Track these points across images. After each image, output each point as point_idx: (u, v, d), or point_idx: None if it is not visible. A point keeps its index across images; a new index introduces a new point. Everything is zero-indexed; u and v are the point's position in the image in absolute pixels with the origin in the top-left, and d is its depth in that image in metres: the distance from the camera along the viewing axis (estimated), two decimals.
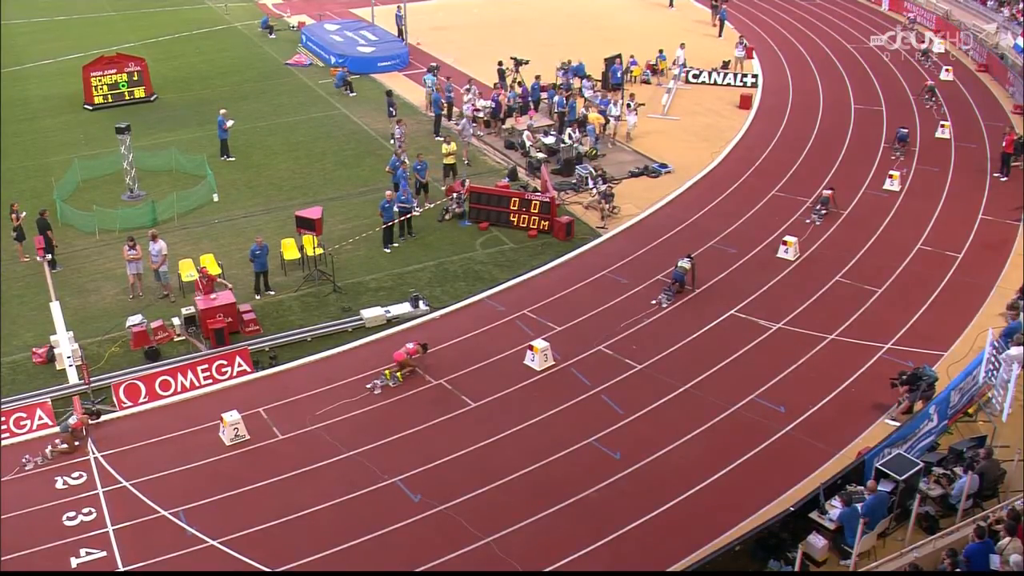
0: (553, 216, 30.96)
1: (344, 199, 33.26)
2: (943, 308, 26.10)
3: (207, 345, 24.84)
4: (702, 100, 43.64)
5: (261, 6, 62.86)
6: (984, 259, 28.87)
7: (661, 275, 27.94)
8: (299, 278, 28.18)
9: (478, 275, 28.54)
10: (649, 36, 51.36)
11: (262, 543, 18.26)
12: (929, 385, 21.46)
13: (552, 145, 36.27)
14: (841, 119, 40.74)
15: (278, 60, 50.51)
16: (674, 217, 32.00)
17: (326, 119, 41.51)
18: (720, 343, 24.59)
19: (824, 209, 31.77)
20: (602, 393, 22.69)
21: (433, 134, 38.70)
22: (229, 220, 31.89)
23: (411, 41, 51.91)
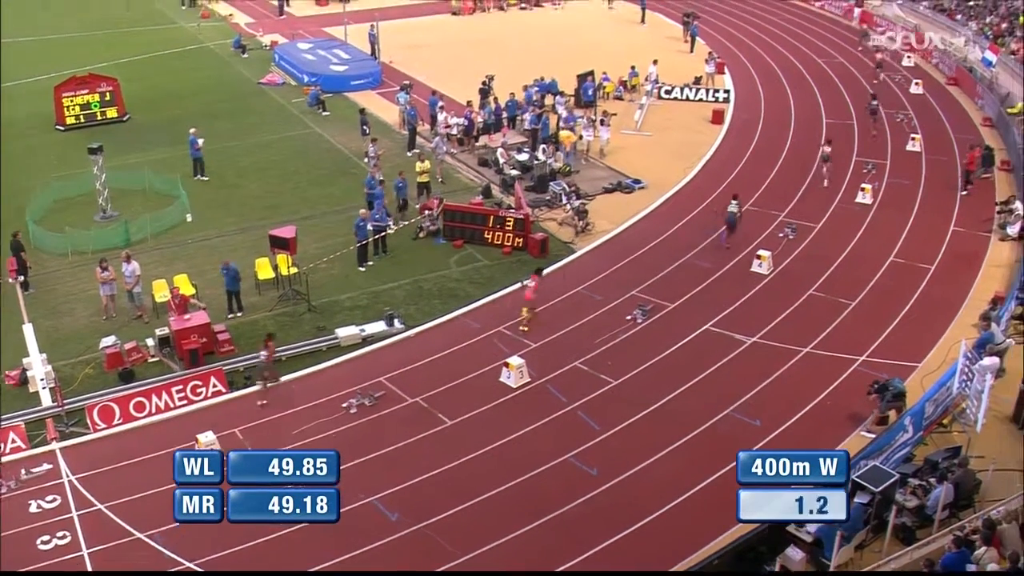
0: (527, 233, 30.98)
1: (318, 218, 33.19)
2: (916, 320, 26.26)
3: (181, 366, 24.70)
4: (675, 116, 43.81)
5: (233, 25, 62.71)
6: (956, 271, 29.07)
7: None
8: (273, 298, 28.08)
9: (453, 293, 28.53)
10: (621, 52, 51.52)
11: (239, 565, 18.11)
12: (895, 396, 21.53)
13: (525, 162, 36.33)
14: (813, 133, 40.99)
15: (251, 79, 50.42)
16: (648, 232, 32.08)
17: (299, 138, 41.44)
18: (695, 358, 24.65)
19: (825, 166, 34.36)
20: (578, 409, 22.68)
21: (407, 151, 38.68)
22: (203, 240, 31.76)
23: (384, 59, 51.88)
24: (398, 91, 43.39)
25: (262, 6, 68.05)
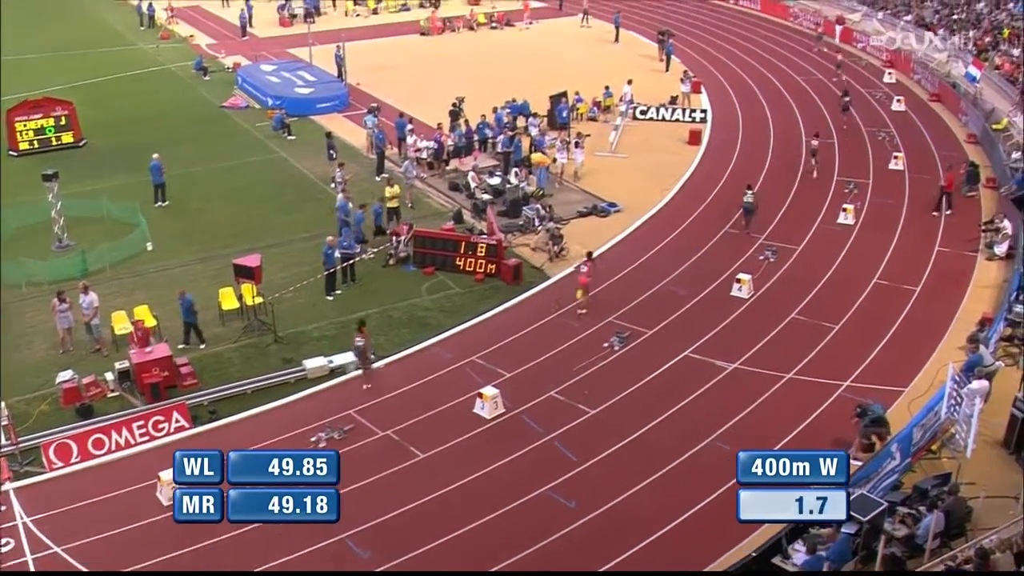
0: (500, 259, 31.02)
1: (284, 246, 33.13)
2: (902, 343, 26.42)
3: (142, 401, 24.55)
4: (650, 136, 44.06)
5: (194, 47, 62.62)
6: (942, 292, 29.30)
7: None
8: (238, 329, 27.97)
9: (424, 322, 28.50)
10: (595, 72, 51.80)
11: None
12: (872, 421, 21.57)
13: (497, 186, 36.42)
14: (793, 153, 41.27)
15: (213, 103, 50.40)
16: (624, 257, 32.17)
17: (264, 163, 41.42)
18: (675, 385, 24.70)
19: (813, 159, 36.01)
20: (555, 440, 22.67)
21: (375, 175, 38.71)
22: (164, 269, 31.63)
23: (351, 81, 51.96)
24: (365, 114, 43.49)
25: (224, 27, 68.09)
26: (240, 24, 65.87)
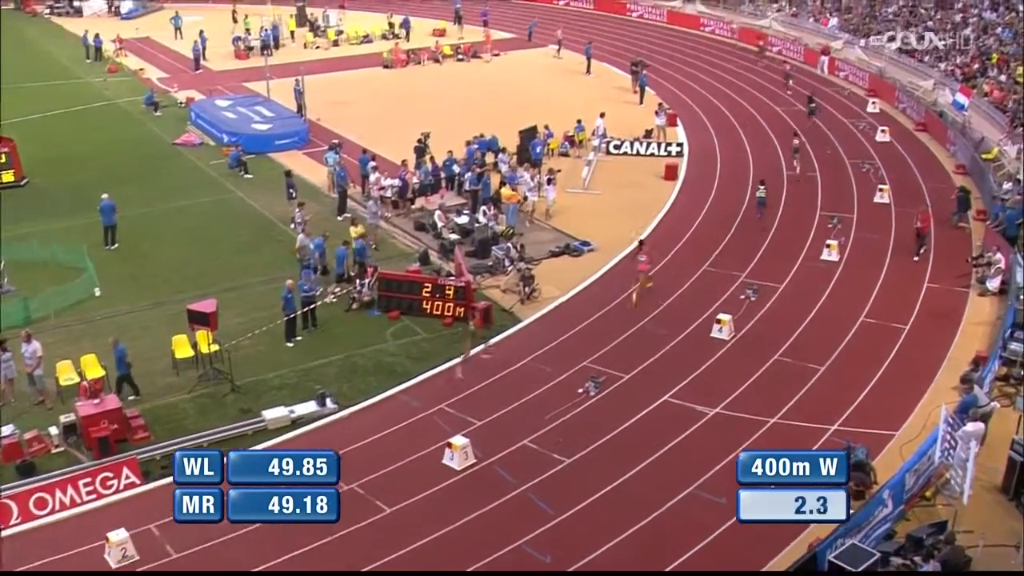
0: (469, 301, 31.02)
1: (241, 290, 33.03)
2: (892, 384, 26.55)
3: (90, 456, 24.30)
4: (625, 172, 44.28)
5: (144, 80, 62.44)
6: (933, 330, 29.50)
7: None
8: (193, 378, 27.80)
9: (390, 368, 28.43)
10: (566, 105, 52.09)
11: None
12: (854, 465, 21.47)
13: (465, 225, 36.47)
14: (773, 187, 41.47)
15: (165, 139, 50.28)
16: (599, 298, 32.27)
17: (220, 203, 41.37)
18: (654, 432, 24.72)
19: (795, 157, 38.69)
20: (529, 491, 22.63)
21: (337, 215, 38.73)
22: (113, 316, 31.43)
23: (311, 117, 52.00)
24: (327, 151, 43.45)
25: (176, 59, 67.99)
26: (193, 57, 65.66)
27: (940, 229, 36.47)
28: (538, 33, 71.55)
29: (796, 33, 68.36)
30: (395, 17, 74.87)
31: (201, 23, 72.21)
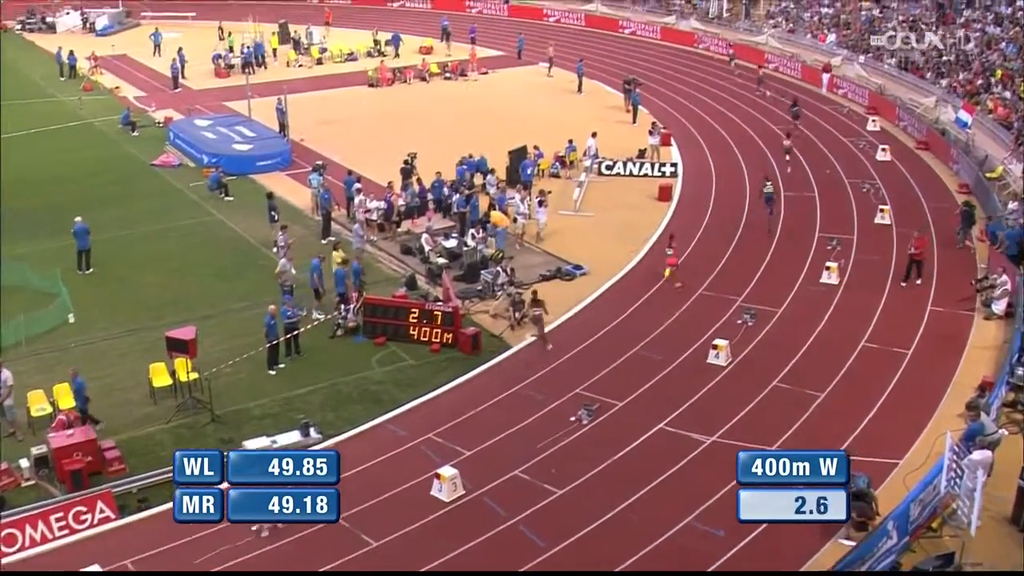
0: (457, 328, 31.03)
1: (221, 316, 33.03)
2: (895, 411, 26.55)
3: (62, 490, 24.18)
4: (617, 193, 44.37)
5: (121, 99, 62.47)
6: (937, 355, 29.53)
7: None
8: (171, 407, 27.70)
9: (376, 397, 28.38)
10: (557, 125, 52.27)
11: None
12: (854, 495, 21.42)
13: (453, 249, 36.49)
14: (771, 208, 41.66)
15: (142, 160, 50.29)
16: (592, 323, 32.29)
17: (199, 226, 41.36)
18: (649, 461, 24.68)
19: (787, 157, 39.72)
20: (520, 524, 22.56)
21: (321, 238, 38.71)
22: (88, 344, 31.37)
23: (294, 137, 52.06)
24: (310, 172, 43.55)
25: (154, 77, 68.12)
26: (172, 75, 65.77)
27: (943, 250, 36.57)
28: (528, 50, 71.78)
29: (793, 50, 68.73)
30: (381, 34, 75.05)
31: (180, 40, 72.31)
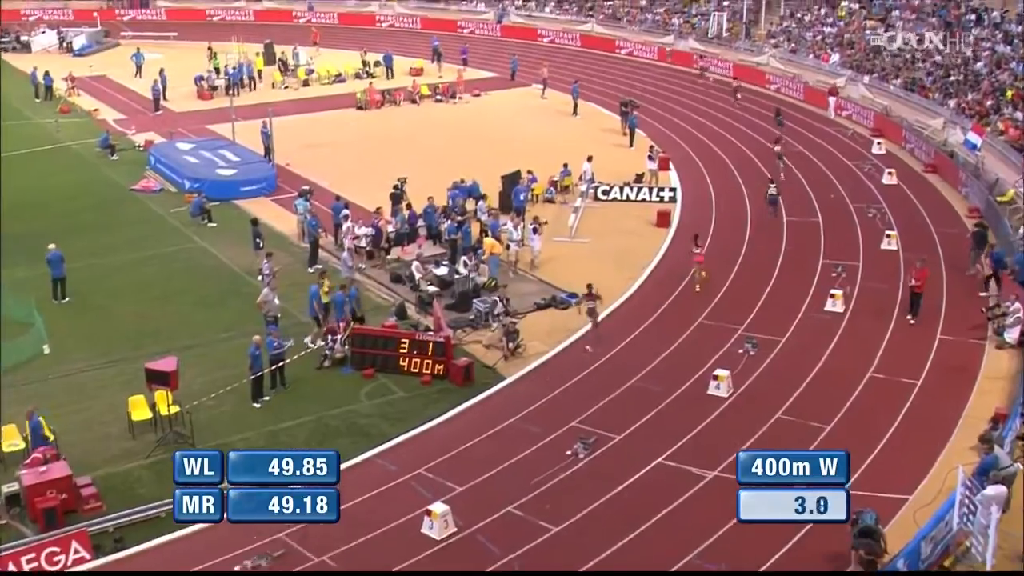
0: (449, 358, 30.99)
1: (204, 347, 32.96)
2: (904, 444, 26.53)
3: (35, 530, 24.05)
4: (614, 219, 44.43)
5: (99, 122, 62.44)
6: (947, 385, 29.53)
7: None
8: (151, 442, 27.58)
9: (364, 431, 28.31)
10: (551, 148, 52.30)
11: None
12: (861, 532, 21.36)
13: (445, 277, 36.48)
14: (772, 234, 41.73)
15: (122, 185, 50.26)
16: (587, 354, 32.24)
17: (181, 253, 41.33)
18: (648, 497, 24.64)
19: (780, 163, 43.44)
20: (514, 562, 22.50)
21: (308, 266, 38.67)
22: (64, 376, 31.28)
23: (279, 161, 52.07)
24: (296, 198, 43.55)
25: (134, 99, 68.11)
26: (153, 96, 65.70)
27: (953, 276, 36.58)
28: (521, 71, 72.04)
29: (795, 71, 68.98)
30: (370, 55, 75.17)
31: (162, 61, 72.44)
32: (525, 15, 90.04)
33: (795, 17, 76.72)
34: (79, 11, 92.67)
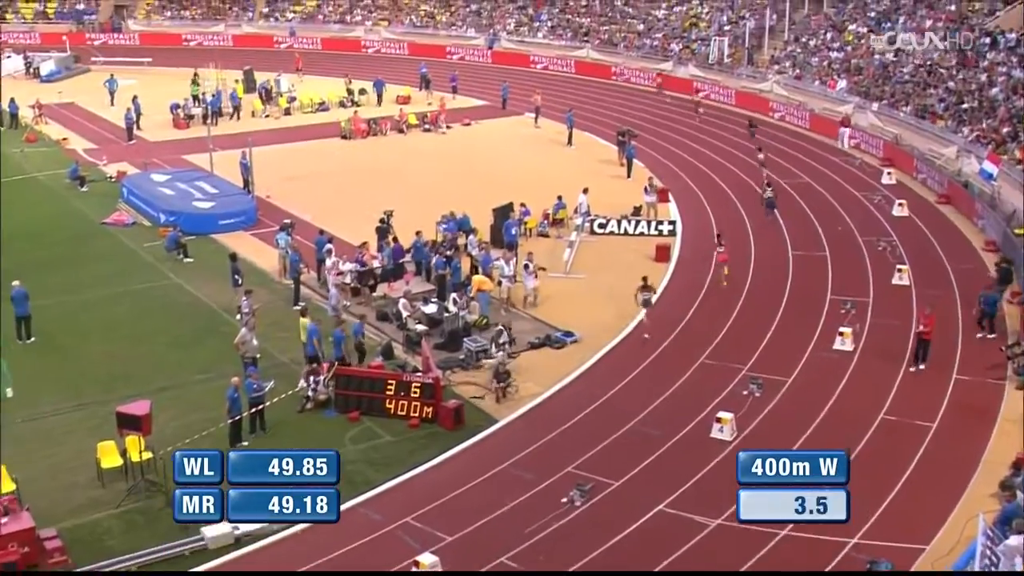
0: (438, 400, 30.90)
1: (179, 388, 32.87)
2: (919, 490, 26.44)
3: None
4: (611, 254, 44.50)
5: (69, 152, 62.37)
6: (964, 428, 29.47)
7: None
8: (121, 491, 27.42)
9: (348, 477, 27.96)
10: (545, 180, 52.48)
11: None
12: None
13: (434, 315, 36.44)
14: (778, 268, 41.76)
15: (92, 218, 50.22)
16: (584, 396, 32.20)
17: (155, 290, 41.27)
18: (648, 547, 24.55)
19: (764, 170, 47.22)
20: None
21: (293, 304, 38.59)
22: (30, 420, 31.09)
23: (259, 193, 52.08)
24: (277, 232, 43.51)
25: (106, 128, 68.13)
26: (126, 125, 65.66)
27: (969, 313, 36.46)
28: (513, 99, 72.21)
29: (801, 98, 69.21)
30: (355, 83, 75.34)
31: (135, 88, 72.52)
32: (517, 40, 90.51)
33: (800, 42, 76.89)
34: (47, 35, 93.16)
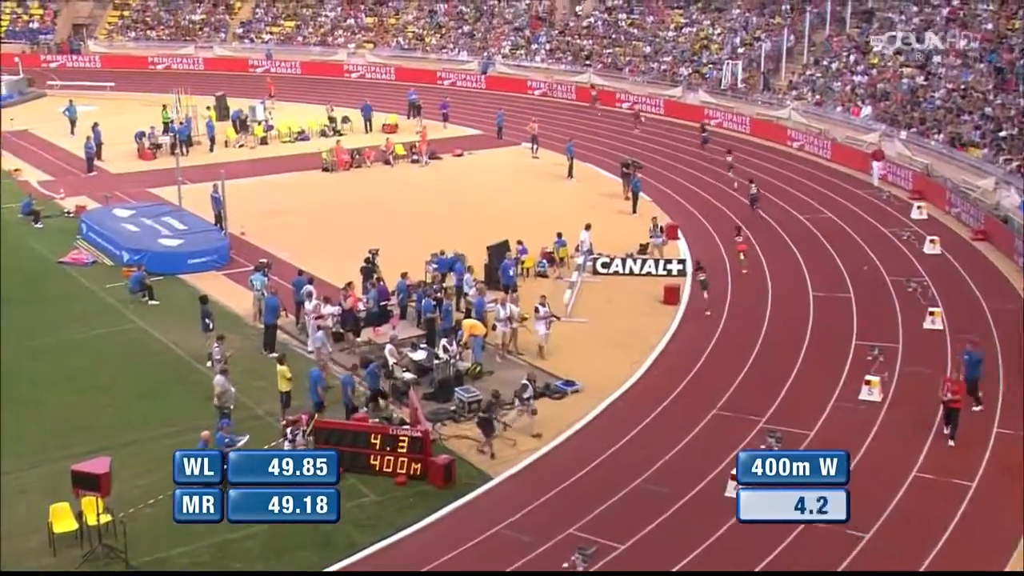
0: (427, 456, 30.75)
1: (143, 444, 32.66)
2: (958, 557, 26.24)
3: None
4: (616, 295, 44.51)
5: (22, 184, 62.34)
6: (1006, 487, 29.26)
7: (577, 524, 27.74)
8: (76, 558, 27.19)
9: (329, 539, 27.95)
10: (544, 215, 52.63)
11: None
12: None
13: (423, 362, 36.30)
14: (798, 311, 41.69)
15: (48, 257, 50.20)
16: (585, 451, 32.08)
17: (117, 336, 41.21)
18: None
19: (730, 172, 53.24)
20: None
21: (264, 350, 38.45)
22: None
23: (233, 230, 52.07)
24: (252, 272, 43.45)
25: (63, 158, 68.16)
26: (86, 156, 65.69)
27: (1011, 361, 36.38)
28: (509, 128, 72.36)
29: (821, 126, 69.34)
30: (338, 110, 75.45)
31: (96, 115, 72.51)
32: (513, 65, 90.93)
33: (820, 65, 77.06)
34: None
